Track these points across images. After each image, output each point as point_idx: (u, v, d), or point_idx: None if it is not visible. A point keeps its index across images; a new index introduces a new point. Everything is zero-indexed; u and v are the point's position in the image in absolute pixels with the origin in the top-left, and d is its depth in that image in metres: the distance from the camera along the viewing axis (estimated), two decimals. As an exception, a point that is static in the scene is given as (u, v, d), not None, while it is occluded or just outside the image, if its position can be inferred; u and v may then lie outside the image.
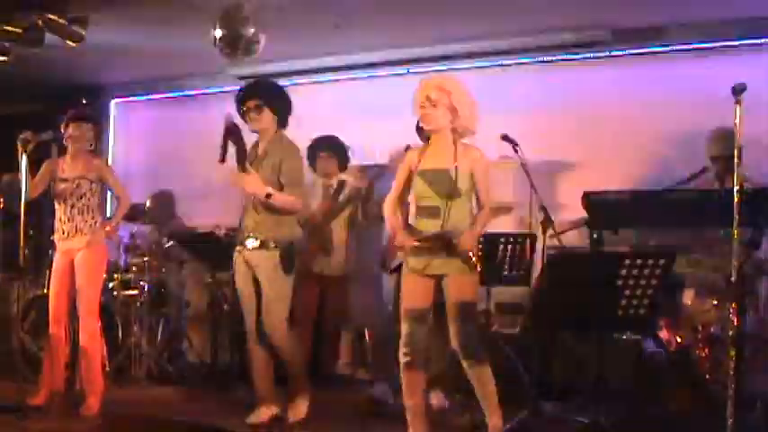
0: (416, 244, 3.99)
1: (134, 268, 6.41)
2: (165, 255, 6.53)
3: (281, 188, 4.61)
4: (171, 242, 6.52)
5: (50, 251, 5.17)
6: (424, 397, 4.19)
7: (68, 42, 5.92)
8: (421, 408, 4.11)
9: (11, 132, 4.89)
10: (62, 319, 4.95)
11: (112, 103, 8.41)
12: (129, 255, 6.60)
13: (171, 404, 5.25)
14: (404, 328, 4.07)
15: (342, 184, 5.80)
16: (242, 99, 4.75)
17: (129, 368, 6.04)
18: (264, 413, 4.70)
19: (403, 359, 4.05)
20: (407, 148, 5.51)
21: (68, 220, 4.97)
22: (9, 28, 5.89)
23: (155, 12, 5.96)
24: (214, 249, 5.85)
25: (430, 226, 3.99)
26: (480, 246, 4.46)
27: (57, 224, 5.02)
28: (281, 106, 4.77)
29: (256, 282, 4.64)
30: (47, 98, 7.70)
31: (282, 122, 4.79)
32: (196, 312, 6.66)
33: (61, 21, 5.79)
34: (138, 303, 6.19)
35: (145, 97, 8.26)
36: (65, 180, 4.99)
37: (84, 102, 7.54)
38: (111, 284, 6.28)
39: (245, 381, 5.26)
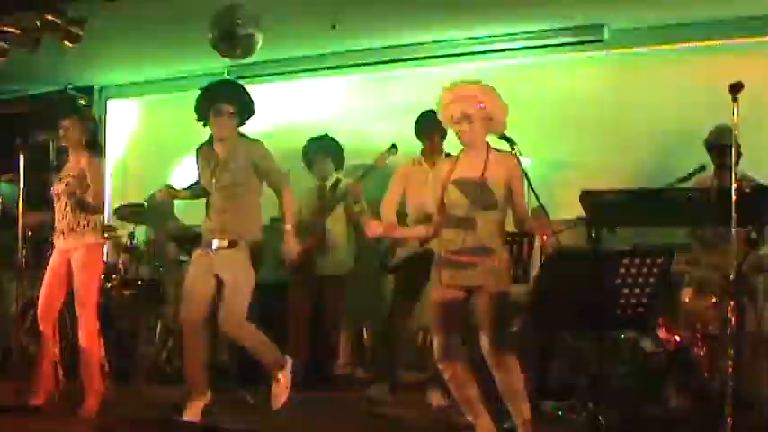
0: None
1: (132, 268, 6.40)
2: (163, 254, 6.52)
3: (255, 183, 4.66)
4: (168, 242, 6.52)
5: (49, 252, 5.13)
6: (475, 386, 3.96)
7: (66, 43, 5.91)
8: (476, 397, 3.94)
9: (9, 133, 4.88)
10: (50, 318, 4.92)
11: (109, 102, 8.39)
12: (127, 255, 6.59)
13: (170, 404, 5.24)
14: (436, 341, 3.92)
15: (336, 182, 5.82)
16: (214, 100, 4.63)
17: (127, 368, 6.03)
18: (197, 407, 4.63)
19: (444, 373, 3.93)
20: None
21: (62, 218, 4.93)
22: (6, 29, 5.87)
23: (153, 12, 5.95)
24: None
25: (462, 237, 3.83)
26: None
27: (56, 223, 5.00)
28: (250, 113, 4.72)
29: (217, 279, 4.58)
30: (45, 98, 7.69)
31: (242, 125, 4.75)
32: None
33: (58, 21, 5.77)
34: (136, 303, 6.18)
35: (142, 97, 8.24)
36: (61, 178, 4.97)
37: (81, 101, 7.53)
38: (109, 284, 6.27)
39: (244, 381, 5.27)
